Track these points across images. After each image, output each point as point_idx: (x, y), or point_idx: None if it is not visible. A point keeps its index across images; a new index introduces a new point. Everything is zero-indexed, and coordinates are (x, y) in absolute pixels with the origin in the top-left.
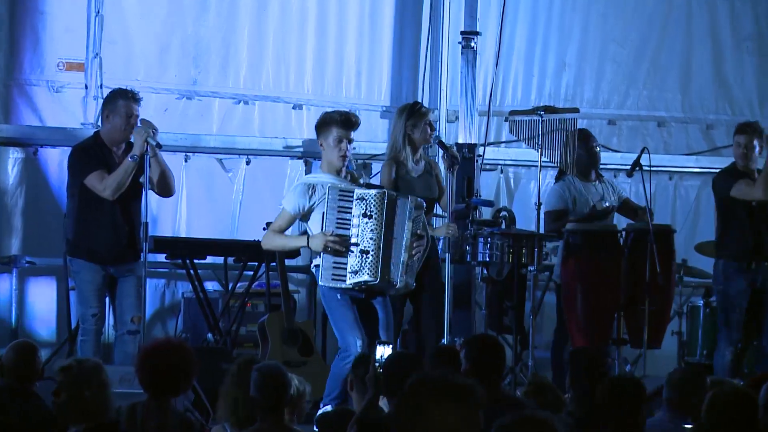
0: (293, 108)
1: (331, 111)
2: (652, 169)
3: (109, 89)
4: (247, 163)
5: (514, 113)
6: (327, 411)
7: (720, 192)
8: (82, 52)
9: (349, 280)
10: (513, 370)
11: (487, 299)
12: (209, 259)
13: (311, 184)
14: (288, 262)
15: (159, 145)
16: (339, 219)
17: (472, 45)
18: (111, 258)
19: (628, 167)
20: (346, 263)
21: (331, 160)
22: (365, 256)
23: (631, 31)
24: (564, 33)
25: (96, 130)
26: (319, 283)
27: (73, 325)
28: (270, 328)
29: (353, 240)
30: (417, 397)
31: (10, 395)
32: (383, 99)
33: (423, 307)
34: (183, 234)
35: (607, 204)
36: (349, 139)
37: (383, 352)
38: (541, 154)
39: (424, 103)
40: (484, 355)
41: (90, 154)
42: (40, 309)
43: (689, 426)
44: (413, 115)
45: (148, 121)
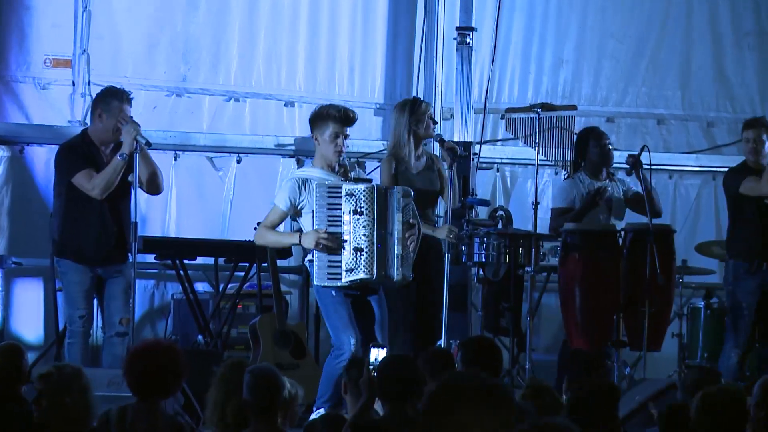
0: (285, 105)
1: (327, 105)
2: (652, 167)
3: (96, 86)
4: (238, 161)
5: (510, 110)
6: (314, 420)
7: (729, 190)
8: (69, 48)
9: (345, 278)
10: (510, 373)
11: (483, 301)
12: (199, 260)
13: (302, 179)
14: (280, 263)
15: (148, 143)
16: (330, 216)
17: (468, 41)
18: (99, 259)
19: (627, 166)
20: (340, 261)
21: (326, 155)
22: (359, 254)
23: (630, 26)
24: (561, 28)
25: (84, 128)
26: (314, 283)
27: (61, 327)
28: (262, 330)
29: (345, 237)
30: (448, 398)
31: None
32: (377, 96)
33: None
34: (172, 234)
35: (598, 185)
36: (345, 135)
37: (377, 354)
38: (538, 153)
39: None
40: (481, 358)
41: (77, 152)
42: (27, 311)
43: None
44: (416, 110)
45: (133, 120)
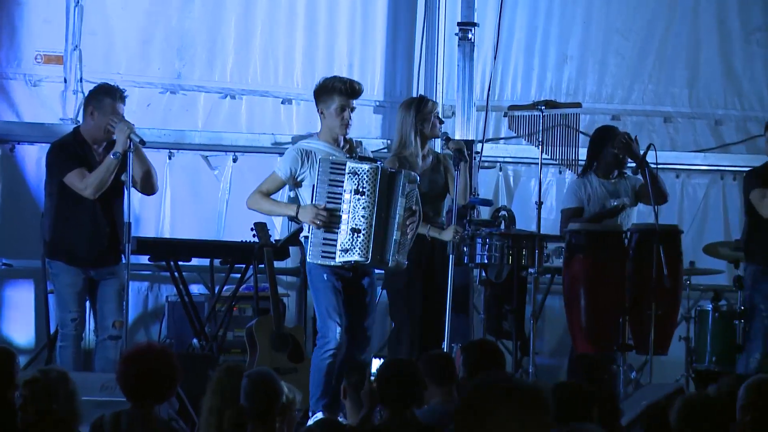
0: (282, 103)
1: (332, 77)
2: (658, 166)
3: (89, 83)
4: (234, 160)
5: (513, 108)
6: (311, 426)
7: (744, 192)
8: (61, 44)
9: (339, 258)
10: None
11: (485, 303)
12: (194, 261)
13: (306, 150)
14: (277, 264)
15: (143, 142)
16: (330, 193)
17: (470, 36)
18: (91, 260)
19: (633, 165)
20: (336, 240)
21: (332, 128)
22: (356, 235)
23: (636, 21)
24: (565, 24)
25: (76, 126)
26: (307, 260)
27: (52, 330)
28: (258, 333)
29: (344, 216)
30: (483, 400)
31: None
32: (376, 93)
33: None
34: (167, 235)
35: (615, 203)
36: (351, 108)
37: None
38: (542, 151)
39: None
40: (483, 362)
41: (69, 151)
42: (18, 313)
43: None
44: (422, 109)
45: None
